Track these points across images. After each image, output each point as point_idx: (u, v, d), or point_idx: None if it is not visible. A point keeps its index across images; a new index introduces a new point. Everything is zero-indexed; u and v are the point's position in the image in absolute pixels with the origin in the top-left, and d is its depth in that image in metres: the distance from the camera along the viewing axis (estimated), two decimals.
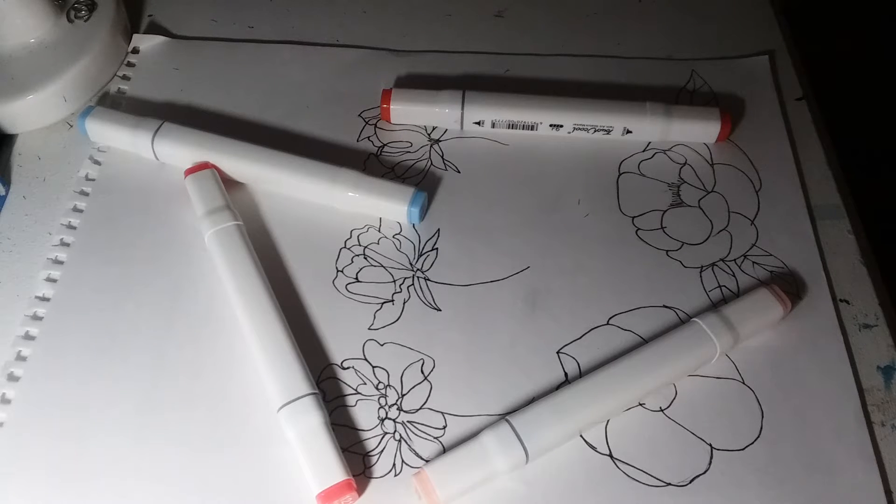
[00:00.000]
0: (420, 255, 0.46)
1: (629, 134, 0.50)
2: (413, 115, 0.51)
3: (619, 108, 0.49)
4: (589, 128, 0.49)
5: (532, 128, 0.50)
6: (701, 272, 0.45)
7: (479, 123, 0.50)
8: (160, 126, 0.48)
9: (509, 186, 0.49)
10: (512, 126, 0.50)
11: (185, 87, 0.53)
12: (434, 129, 0.51)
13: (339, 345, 0.43)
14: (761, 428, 0.40)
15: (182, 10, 0.58)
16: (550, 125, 0.50)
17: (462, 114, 0.50)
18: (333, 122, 0.52)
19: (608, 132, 0.50)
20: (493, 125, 0.50)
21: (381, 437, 0.40)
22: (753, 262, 0.46)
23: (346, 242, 0.46)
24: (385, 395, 0.41)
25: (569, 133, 0.50)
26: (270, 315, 0.42)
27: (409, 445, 0.39)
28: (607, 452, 0.39)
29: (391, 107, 0.50)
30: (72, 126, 0.52)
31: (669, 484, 0.38)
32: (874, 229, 0.48)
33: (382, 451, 0.39)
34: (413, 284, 0.45)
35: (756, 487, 0.38)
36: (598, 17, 0.58)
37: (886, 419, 0.40)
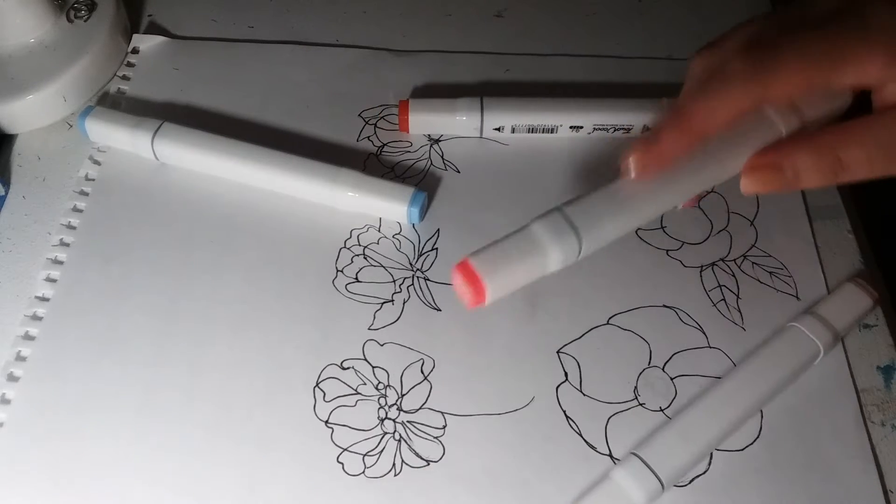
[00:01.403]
0: (420, 255, 0.46)
1: (648, 132, 0.50)
2: (431, 125, 0.50)
3: (639, 107, 0.49)
4: (609, 127, 0.49)
5: (552, 131, 0.50)
6: (701, 272, 0.45)
7: (499, 129, 0.50)
8: (160, 126, 0.48)
9: (509, 186, 0.49)
10: (532, 130, 0.50)
11: (184, 87, 0.53)
12: None
13: (338, 345, 0.43)
14: (761, 428, 0.40)
15: (182, 10, 0.58)
16: (570, 127, 0.49)
17: (482, 121, 0.49)
18: (333, 121, 0.52)
19: (628, 131, 0.50)
20: (514, 130, 0.50)
21: (380, 437, 0.40)
22: (753, 263, 0.46)
23: (345, 242, 0.46)
24: (385, 395, 0.41)
25: (588, 134, 0.50)
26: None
27: (409, 445, 0.39)
28: (607, 452, 0.39)
29: (409, 117, 0.50)
30: (72, 126, 0.52)
31: None
32: (874, 229, 0.48)
33: (382, 451, 0.39)
34: (413, 284, 0.45)
35: (756, 487, 0.38)
36: (598, 17, 0.58)
37: (886, 419, 0.40)
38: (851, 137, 0.32)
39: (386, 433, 0.40)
